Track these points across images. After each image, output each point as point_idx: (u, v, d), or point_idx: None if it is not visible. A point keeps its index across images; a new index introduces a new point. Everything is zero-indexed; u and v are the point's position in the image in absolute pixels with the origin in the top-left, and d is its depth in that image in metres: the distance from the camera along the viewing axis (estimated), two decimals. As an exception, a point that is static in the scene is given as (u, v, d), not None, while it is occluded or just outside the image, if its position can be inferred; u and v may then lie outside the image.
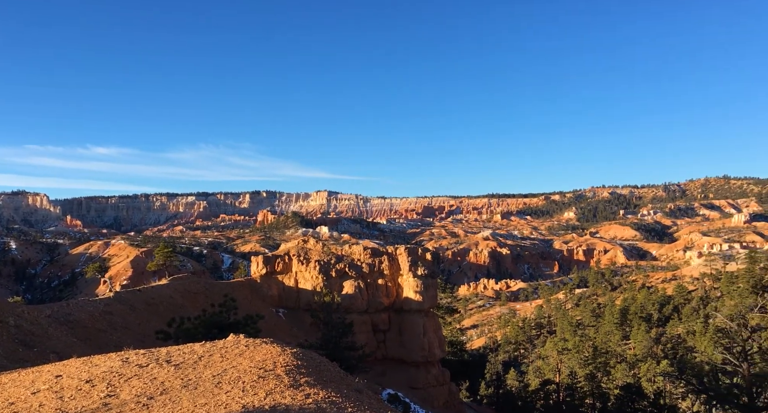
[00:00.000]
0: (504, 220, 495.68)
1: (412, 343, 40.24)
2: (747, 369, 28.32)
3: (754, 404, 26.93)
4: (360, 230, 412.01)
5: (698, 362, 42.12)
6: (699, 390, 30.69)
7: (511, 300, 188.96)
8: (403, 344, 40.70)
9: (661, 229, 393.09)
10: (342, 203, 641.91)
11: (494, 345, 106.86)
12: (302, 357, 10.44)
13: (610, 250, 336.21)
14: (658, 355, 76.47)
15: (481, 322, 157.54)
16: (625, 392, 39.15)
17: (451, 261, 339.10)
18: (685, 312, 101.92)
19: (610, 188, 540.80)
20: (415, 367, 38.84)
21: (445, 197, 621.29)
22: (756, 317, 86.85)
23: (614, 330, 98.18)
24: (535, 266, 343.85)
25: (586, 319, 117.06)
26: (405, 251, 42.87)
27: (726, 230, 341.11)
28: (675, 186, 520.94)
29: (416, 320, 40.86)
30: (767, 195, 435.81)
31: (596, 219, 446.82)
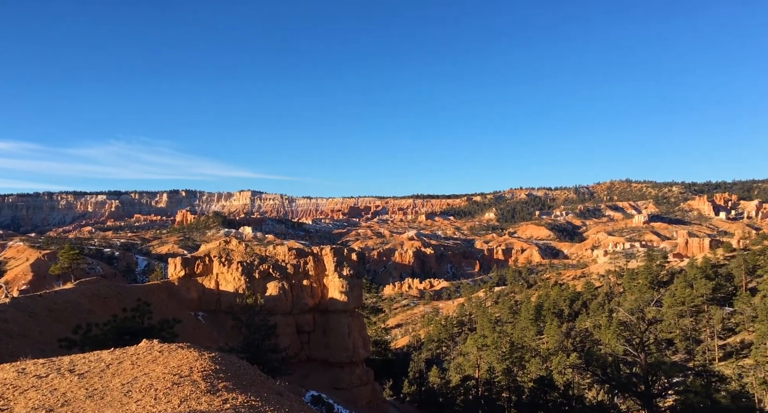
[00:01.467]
0: (428, 220, 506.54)
1: (336, 344, 40.11)
2: (644, 359, 30.78)
3: (649, 391, 29.34)
4: (285, 230, 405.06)
5: (603, 354, 45.24)
6: (603, 380, 32.99)
7: (434, 299, 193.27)
8: (328, 345, 40.50)
9: (572, 229, 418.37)
10: (266, 203, 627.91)
11: (418, 344, 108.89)
12: (221, 361, 10.11)
13: (526, 249, 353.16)
14: (568, 348, 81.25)
15: (405, 321, 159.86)
16: (538, 384, 41.27)
17: (376, 261, 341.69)
18: (592, 307, 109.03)
19: (527, 189, 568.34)
20: (340, 368, 38.77)
21: (371, 198, 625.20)
22: (652, 310, 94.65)
23: (529, 325, 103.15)
24: (457, 266, 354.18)
25: (504, 316, 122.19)
26: (330, 251, 42.66)
27: (628, 230, 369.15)
28: (584, 189, 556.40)
29: (341, 320, 40.79)
30: (663, 198, 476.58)
31: (514, 220, 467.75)
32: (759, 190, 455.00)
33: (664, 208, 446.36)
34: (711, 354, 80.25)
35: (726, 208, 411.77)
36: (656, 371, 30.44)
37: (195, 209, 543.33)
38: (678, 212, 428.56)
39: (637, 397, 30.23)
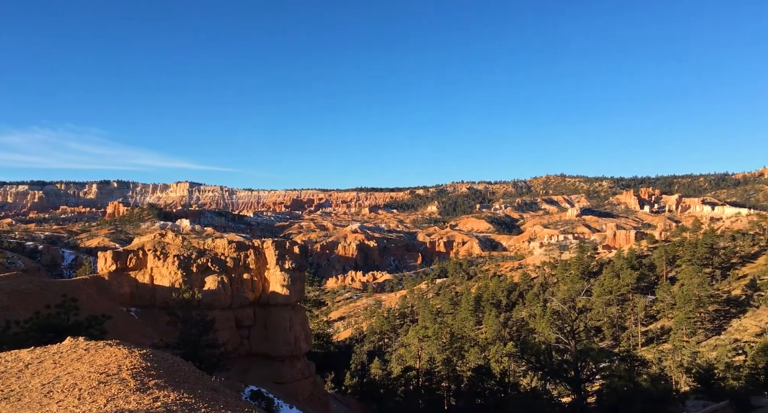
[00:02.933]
0: (372, 213, 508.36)
1: (277, 338, 39.60)
2: (574, 346, 32.38)
3: (578, 376, 30.92)
4: (225, 223, 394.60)
5: (537, 342, 47.16)
6: (536, 367, 34.45)
7: (377, 292, 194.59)
8: (269, 339, 39.91)
9: (511, 222, 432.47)
10: (206, 195, 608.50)
11: (360, 336, 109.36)
12: (152, 358, 9.73)
13: (467, 242, 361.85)
14: (505, 338, 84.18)
15: (348, 314, 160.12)
16: (476, 373, 42.52)
17: (320, 254, 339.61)
18: (528, 297, 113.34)
19: (468, 183, 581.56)
20: (281, 362, 38.34)
21: (314, 190, 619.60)
22: (583, 299, 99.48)
23: (469, 316, 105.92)
24: (400, 258, 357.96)
25: (445, 307, 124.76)
26: (272, 244, 41.93)
27: (562, 223, 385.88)
28: (522, 183, 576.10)
29: (283, 314, 40.27)
30: (594, 192, 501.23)
31: (456, 213, 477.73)
32: (679, 185, 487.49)
33: (595, 201, 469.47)
34: (635, 339, 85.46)
35: (650, 202, 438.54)
36: (585, 357, 32.09)
37: (128, 201, 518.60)
38: (607, 206, 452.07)
39: (567, 382, 31.78)
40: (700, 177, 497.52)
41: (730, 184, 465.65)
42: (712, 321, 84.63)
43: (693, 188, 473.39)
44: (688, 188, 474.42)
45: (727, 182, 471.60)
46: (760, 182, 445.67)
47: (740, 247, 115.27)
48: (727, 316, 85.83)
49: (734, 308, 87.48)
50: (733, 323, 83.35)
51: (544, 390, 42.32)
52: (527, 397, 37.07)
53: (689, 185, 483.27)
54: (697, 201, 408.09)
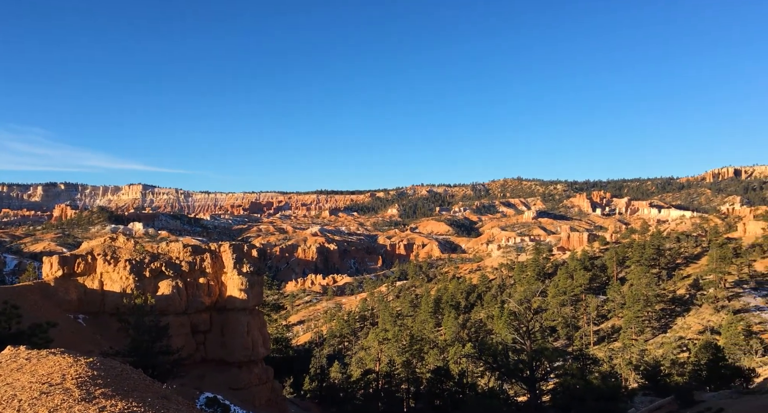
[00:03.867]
0: (332, 216, 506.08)
1: (235, 343, 38.83)
2: (530, 346, 33.16)
3: (533, 375, 31.68)
4: (181, 226, 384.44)
5: (494, 343, 48.04)
6: (493, 367, 35.06)
7: (337, 295, 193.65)
8: (226, 344, 39.08)
9: (470, 224, 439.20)
10: (160, 197, 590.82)
11: (320, 340, 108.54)
12: (99, 366, 9.38)
13: (427, 244, 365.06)
14: (464, 339, 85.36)
15: (308, 317, 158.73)
16: (435, 375, 42.91)
17: (279, 258, 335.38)
18: (486, 298, 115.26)
19: (428, 186, 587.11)
20: (238, 367, 37.59)
21: (273, 193, 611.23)
22: (538, 300, 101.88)
23: (429, 318, 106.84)
24: (361, 261, 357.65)
25: (405, 309, 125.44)
26: (229, 248, 41.12)
27: (519, 225, 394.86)
28: (480, 186, 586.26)
29: (240, 318, 39.52)
30: (549, 195, 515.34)
31: (416, 215, 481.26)
32: (628, 188, 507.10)
33: (550, 204, 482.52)
34: (587, 338, 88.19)
35: (601, 205, 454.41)
36: (540, 357, 32.90)
37: (77, 204, 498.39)
38: (562, 209, 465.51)
39: (522, 382, 32.48)
40: (648, 181, 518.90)
41: (675, 187, 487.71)
42: (659, 319, 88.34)
43: (641, 191, 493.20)
44: (636, 191, 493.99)
45: (672, 186, 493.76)
46: (702, 185, 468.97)
47: (684, 248, 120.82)
48: (672, 315, 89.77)
49: (679, 307, 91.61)
50: (678, 321, 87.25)
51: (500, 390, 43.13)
52: (484, 397, 37.66)
53: (638, 188, 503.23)
54: (645, 204, 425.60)
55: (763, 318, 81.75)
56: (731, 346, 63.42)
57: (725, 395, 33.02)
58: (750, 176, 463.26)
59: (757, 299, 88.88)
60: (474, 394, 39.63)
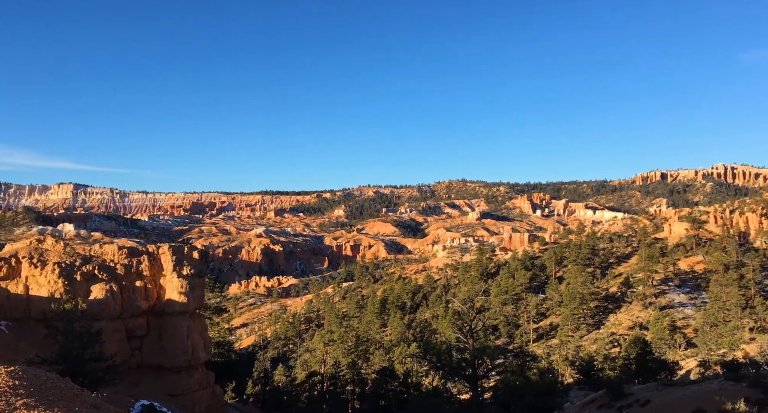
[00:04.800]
0: (278, 217, 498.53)
1: (174, 348, 37.48)
2: (472, 345, 33.94)
3: (475, 373, 32.46)
4: (116, 227, 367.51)
5: (439, 342, 48.83)
6: (437, 366, 35.65)
7: (282, 297, 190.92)
8: (164, 349, 37.64)
9: (416, 225, 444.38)
10: (93, 197, 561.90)
11: (264, 343, 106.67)
12: (21, 375, 8.82)
13: (374, 245, 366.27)
14: (409, 339, 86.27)
15: (251, 320, 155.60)
16: (380, 375, 43.10)
17: (222, 259, 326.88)
18: (431, 298, 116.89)
19: (374, 187, 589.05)
20: (177, 373, 36.31)
21: (216, 193, 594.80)
22: (481, 299, 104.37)
23: (375, 319, 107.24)
24: (306, 262, 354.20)
25: (351, 311, 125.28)
26: (169, 250, 39.64)
27: (463, 226, 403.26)
28: (426, 187, 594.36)
29: (180, 322, 38.19)
30: (492, 196, 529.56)
31: (363, 216, 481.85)
32: (566, 190, 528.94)
33: (493, 206, 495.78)
34: (527, 336, 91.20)
35: (541, 206, 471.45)
36: (482, 355, 33.74)
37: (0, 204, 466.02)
38: (504, 210, 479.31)
39: (465, 380, 33.20)
40: (584, 184, 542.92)
41: (608, 190, 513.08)
42: (593, 316, 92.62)
43: (578, 193, 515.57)
44: (573, 193, 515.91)
45: (606, 189, 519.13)
46: (633, 188, 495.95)
47: (616, 248, 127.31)
48: (605, 312, 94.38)
49: (611, 304, 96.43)
50: (611, 318, 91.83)
51: (444, 389, 43.85)
52: (428, 396, 38.19)
53: (575, 190, 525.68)
54: (581, 206, 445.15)
55: (686, 314, 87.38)
56: (658, 341, 67.41)
57: (652, 387, 35.01)
58: (675, 180, 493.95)
59: (681, 295, 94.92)
60: (418, 393, 40.11)
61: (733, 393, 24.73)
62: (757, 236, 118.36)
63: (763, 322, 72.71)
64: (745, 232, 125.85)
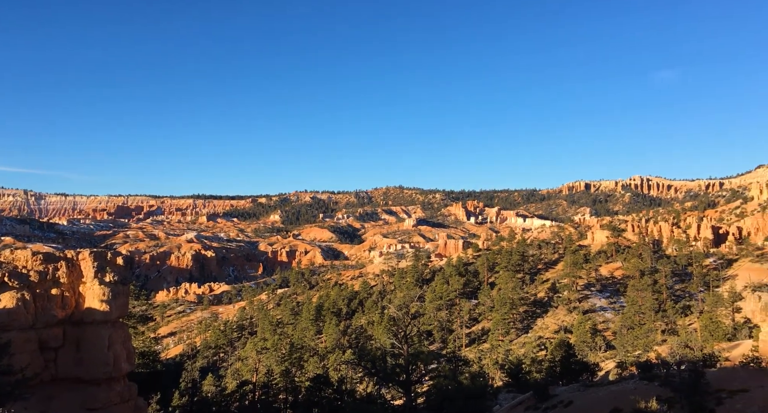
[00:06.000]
0: (210, 222, 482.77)
1: (93, 359, 35.27)
2: (407, 350, 34.25)
3: (409, 379, 32.78)
4: (30, 232, 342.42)
5: (374, 348, 48.98)
6: (372, 372, 35.68)
7: (214, 304, 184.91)
8: (82, 360, 35.34)
9: (353, 231, 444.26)
10: (4, 199, 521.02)
11: (193, 352, 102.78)
12: None
13: (310, 251, 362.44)
14: (344, 345, 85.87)
15: (180, 329, 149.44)
16: (314, 383, 42.56)
17: (149, 266, 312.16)
18: (367, 305, 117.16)
19: (311, 192, 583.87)
20: (96, 386, 34.17)
21: (144, 197, 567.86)
22: (416, 305, 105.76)
23: (310, 325, 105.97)
24: (240, 268, 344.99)
25: (286, 318, 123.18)
26: (90, 255, 37.31)
27: (400, 233, 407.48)
28: (364, 193, 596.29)
29: (100, 332, 35.99)
30: (428, 203, 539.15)
31: (299, 222, 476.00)
32: (498, 198, 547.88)
33: (429, 212, 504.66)
34: (460, 341, 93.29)
35: (475, 213, 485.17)
36: (416, 360, 34.11)
37: None
38: (440, 217, 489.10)
39: (399, 385, 33.43)
40: (515, 192, 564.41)
41: (537, 199, 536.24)
42: (522, 321, 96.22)
43: (509, 201, 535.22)
44: (505, 201, 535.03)
45: (535, 197, 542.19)
46: (560, 197, 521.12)
47: (544, 254, 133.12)
48: (533, 316, 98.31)
49: (539, 309, 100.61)
50: (538, 322, 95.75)
51: (378, 395, 43.97)
52: (362, 403, 38.15)
53: (506, 198, 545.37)
54: (512, 214, 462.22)
55: (606, 318, 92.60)
56: (581, 343, 70.97)
57: (574, 388, 36.79)
58: (597, 190, 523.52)
59: (602, 300, 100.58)
60: (352, 400, 39.97)
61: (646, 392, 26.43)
62: (669, 244, 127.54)
63: (673, 324, 78.28)
64: (658, 240, 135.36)
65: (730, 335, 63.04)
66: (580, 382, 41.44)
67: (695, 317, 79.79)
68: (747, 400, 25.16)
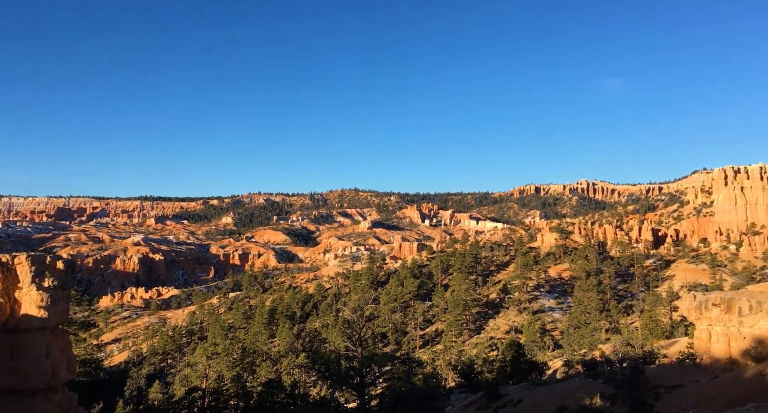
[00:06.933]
0: (159, 224, 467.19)
1: (29, 368, 33.40)
2: (361, 353, 34.24)
3: (363, 382, 32.79)
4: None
5: (328, 351, 48.65)
6: (325, 376, 35.46)
7: (162, 309, 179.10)
8: (17, 370, 33.39)
9: (308, 234, 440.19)
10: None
11: (139, 358, 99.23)
12: None
13: (263, 254, 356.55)
14: (298, 349, 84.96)
15: (125, 335, 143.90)
16: (266, 388, 41.86)
17: (92, 270, 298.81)
18: (322, 307, 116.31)
19: (265, 194, 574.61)
20: (32, 396, 32.37)
21: (87, 198, 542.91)
22: (371, 307, 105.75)
23: (263, 329, 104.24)
24: (190, 272, 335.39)
25: (238, 322, 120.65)
26: (27, 259, 35.35)
27: (355, 235, 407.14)
28: (319, 195, 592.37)
29: (37, 340, 34.13)
30: (384, 206, 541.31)
31: (252, 224, 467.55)
32: (452, 201, 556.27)
33: (384, 215, 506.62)
34: (414, 343, 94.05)
35: (429, 216, 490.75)
36: (370, 363, 34.15)
37: None
38: (395, 219, 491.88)
39: (353, 388, 33.38)
40: (469, 195, 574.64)
41: (490, 202, 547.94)
42: (475, 321, 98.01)
43: (463, 204, 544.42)
44: (459, 204, 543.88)
45: (488, 200, 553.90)
46: (511, 200, 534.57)
47: (497, 256, 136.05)
48: (486, 317, 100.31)
49: (491, 310, 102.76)
50: (490, 323, 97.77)
51: (332, 398, 43.72)
52: (315, 407, 37.83)
53: (460, 201, 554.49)
54: (466, 216, 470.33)
55: (554, 318, 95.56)
56: (530, 343, 72.94)
57: (524, 387, 37.78)
58: (547, 193, 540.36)
59: (550, 301, 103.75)
60: (305, 404, 39.56)
61: (591, 390, 27.45)
62: (613, 246, 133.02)
63: (616, 323, 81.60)
64: (603, 242, 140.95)
65: (668, 333, 66.38)
66: (529, 381, 42.58)
67: (636, 316, 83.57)
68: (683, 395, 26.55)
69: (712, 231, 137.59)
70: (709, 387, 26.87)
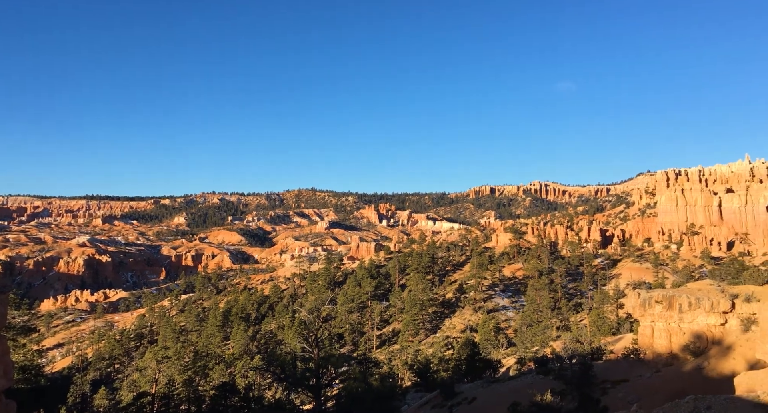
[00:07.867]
0: (106, 224, 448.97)
1: (-38, 378, 31.36)
2: (317, 354, 33.94)
3: (319, 383, 32.53)
4: None
5: (284, 353, 48.02)
6: (281, 378, 34.97)
7: (109, 312, 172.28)
8: (-51, 381, 31.31)
9: (264, 234, 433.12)
10: None
11: (83, 364, 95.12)
12: None
13: (217, 255, 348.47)
14: (253, 351, 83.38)
15: (69, 339, 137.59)
16: (219, 391, 40.95)
17: (33, 272, 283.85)
18: (278, 309, 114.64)
19: (220, 194, 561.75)
20: (-35, 408, 30.47)
21: (27, 197, 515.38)
22: (328, 308, 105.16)
23: (216, 332, 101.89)
24: (140, 274, 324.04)
25: (190, 324, 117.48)
26: (-41, 260, 33.36)
27: (312, 235, 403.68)
28: (275, 195, 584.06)
29: (-28, 348, 32.13)
30: (341, 206, 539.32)
31: (206, 225, 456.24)
32: (410, 202, 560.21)
33: (342, 215, 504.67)
34: (371, 343, 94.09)
35: (387, 216, 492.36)
36: (326, 364, 33.91)
37: None
38: (353, 220, 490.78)
39: (309, 390, 33.05)
40: (426, 196, 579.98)
41: (446, 202, 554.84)
42: (431, 321, 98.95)
43: (420, 204, 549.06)
44: (416, 204, 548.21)
45: (444, 201, 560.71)
46: (467, 201, 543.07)
47: (453, 256, 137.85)
48: (442, 316, 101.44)
49: (447, 309, 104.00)
50: (446, 322, 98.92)
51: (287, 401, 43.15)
52: (270, 409, 37.24)
53: (417, 202, 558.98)
54: (423, 217, 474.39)
55: (508, 316, 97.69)
56: (485, 342, 74.28)
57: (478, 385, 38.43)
58: (501, 194, 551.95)
59: (505, 299, 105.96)
60: (259, 407, 38.89)
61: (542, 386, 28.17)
62: (564, 245, 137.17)
63: (567, 321, 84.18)
64: (555, 242, 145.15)
65: (614, 329, 69.02)
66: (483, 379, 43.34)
67: (586, 313, 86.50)
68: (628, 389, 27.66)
69: (656, 231, 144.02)
70: (651, 381, 28.10)
